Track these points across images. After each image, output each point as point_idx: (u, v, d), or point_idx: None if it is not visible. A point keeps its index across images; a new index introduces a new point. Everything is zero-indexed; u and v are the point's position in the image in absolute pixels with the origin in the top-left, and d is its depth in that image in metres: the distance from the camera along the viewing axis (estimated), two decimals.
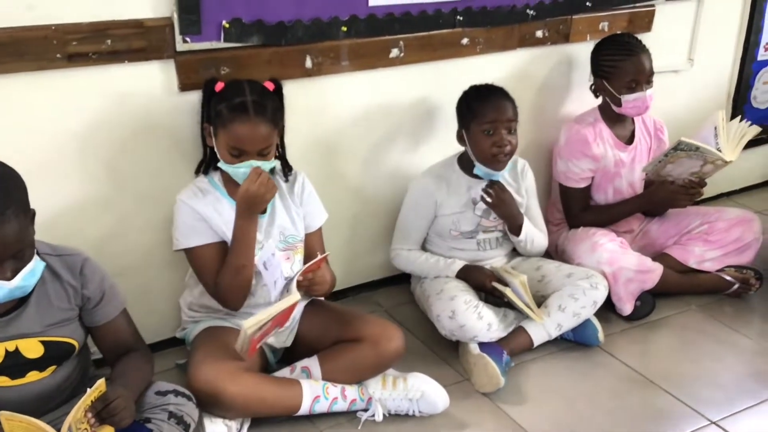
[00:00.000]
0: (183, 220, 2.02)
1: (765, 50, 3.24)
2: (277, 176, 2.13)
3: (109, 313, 1.77)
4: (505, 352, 2.25)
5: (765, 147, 3.48)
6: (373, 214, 2.59)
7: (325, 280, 2.07)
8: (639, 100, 2.57)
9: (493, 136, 2.31)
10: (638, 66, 2.54)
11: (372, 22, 2.30)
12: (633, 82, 2.55)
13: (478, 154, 2.35)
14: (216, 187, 2.06)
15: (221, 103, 1.95)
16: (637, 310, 2.53)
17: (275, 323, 1.92)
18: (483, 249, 2.48)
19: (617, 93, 2.57)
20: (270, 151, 1.98)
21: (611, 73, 2.57)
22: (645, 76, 2.55)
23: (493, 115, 2.30)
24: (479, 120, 2.32)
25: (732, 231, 2.67)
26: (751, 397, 2.21)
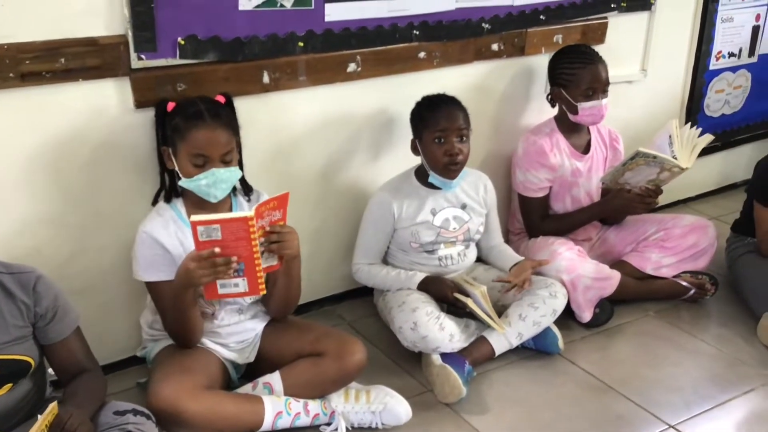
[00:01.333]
0: (143, 253, 1.99)
1: (716, 60, 3.31)
2: (239, 196, 2.12)
3: (62, 331, 1.75)
4: (467, 362, 2.27)
5: (720, 154, 3.56)
6: (335, 227, 2.60)
7: (294, 238, 1.91)
8: (595, 108, 2.61)
9: (445, 145, 2.34)
10: (595, 74, 2.59)
11: (329, 37, 2.31)
12: (590, 90, 2.60)
13: (431, 163, 2.38)
14: (179, 215, 2.04)
15: (175, 118, 1.95)
16: (596, 317, 2.57)
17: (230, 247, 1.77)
18: (445, 265, 2.50)
19: (574, 101, 2.62)
20: (233, 158, 1.98)
21: (569, 81, 2.62)
22: (601, 85, 2.60)
23: (444, 124, 2.33)
24: (431, 129, 2.34)
25: (687, 237, 2.73)
26: (708, 400, 2.25)
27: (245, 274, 1.82)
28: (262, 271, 1.82)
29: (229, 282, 1.83)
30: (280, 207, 1.86)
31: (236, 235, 1.77)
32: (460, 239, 2.49)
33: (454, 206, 2.47)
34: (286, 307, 2.13)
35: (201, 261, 1.79)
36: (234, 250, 1.78)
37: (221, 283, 1.83)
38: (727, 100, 3.43)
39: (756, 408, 2.24)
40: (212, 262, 1.79)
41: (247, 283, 1.83)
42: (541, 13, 2.73)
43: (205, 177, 1.93)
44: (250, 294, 1.87)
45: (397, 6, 2.41)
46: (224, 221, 1.77)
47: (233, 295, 1.88)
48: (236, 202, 2.11)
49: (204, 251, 1.78)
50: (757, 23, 3.38)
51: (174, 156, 1.98)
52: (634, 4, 2.96)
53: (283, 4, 2.20)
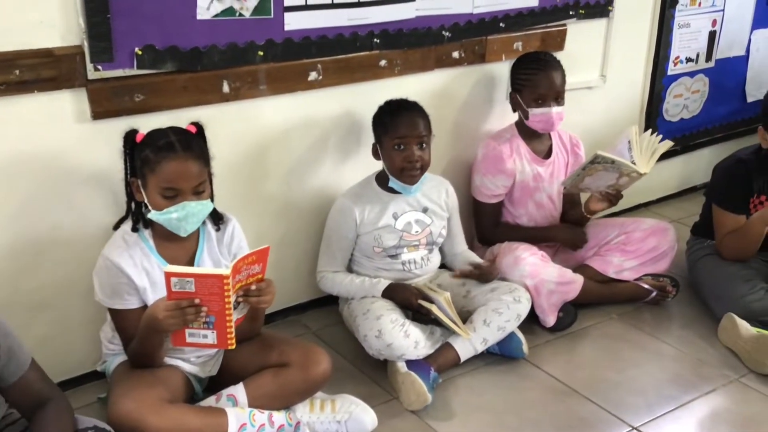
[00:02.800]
0: (107, 281, 1.96)
1: (674, 65, 3.37)
2: (207, 225, 2.08)
3: (16, 371, 1.65)
4: (432, 368, 2.27)
5: (680, 158, 3.61)
6: (299, 235, 2.59)
7: (272, 292, 1.90)
8: (545, 115, 2.64)
9: (404, 151, 2.35)
10: (548, 81, 2.62)
11: (289, 46, 2.31)
12: (540, 98, 2.62)
13: (391, 168, 2.39)
14: (147, 244, 1.99)
15: (145, 150, 1.91)
16: (560, 321, 2.59)
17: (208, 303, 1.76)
18: (408, 270, 2.50)
19: (526, 106, 2.65)
20: (205, 189, 1.94)
21: (523, 87, 2.66)
22: (553, 93, 2.63)
23: (404, 131, 2.35)
24: (391, 135, 2.36)
25: (648, 240, 2.76)
26: (670, 401, 2.28)
27: (215, 327, 1.81)
28: (233, 327, 1.81)
29: (198, 332, 1.83)
30: (260, 261, 1.84)
31: (210, 291, 1.76)
32: (423, 243, 2.50)
33: (416, 210, 2.48)
34: (248, 337, 2.09)
35: (171, 309, 1.78)
36: (206, 304, 1.78)
37: (190, 332, 1.83)
38: (685, 105, 3.48)
39: (717, 408, 2.27)
40: (182, 311, 1.78)
41: (216, 336, 1.82)
42: (500, 21, 2.76)
43: (176, 210, 1.90)
44: (218, 347, 1.86)
45: (357, 14, 2.41)
46: (199, 276, 1.76)
47: (200, 345, 1.87)
48: (204, 232, 2.07)
49: (173, 303, 1.77)
50: (714, 28, 3.44)
51: (143, 188, 1.93)
52: (592, 11, 3.00)
53: (241, 14, 2.20)
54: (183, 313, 1.77)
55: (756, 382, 2.36)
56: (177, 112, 2.16)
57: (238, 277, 1.80)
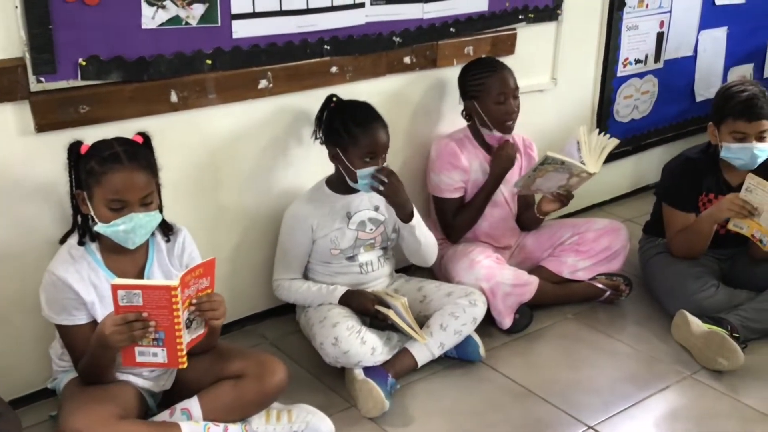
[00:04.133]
0: (54, 296, 1.91)
1: (624, 66, 3.41)
2: (157, 236, 2.05)
3: None
4: (389, 375, 2.26)
5: (632, 158, 3.66)
6: (254, 245, 2.57)
7: (222, 306, 1.86)
8: (505, 107, 2.66)
9: (371, 163, 2.35)
10: (504, 80, 2.65)
11: (237, 54, 2.29)
12: (501, 95, 2.65)
13: (352, 175, 2.37)
14: (93, 258, 1.95)
15: (90, 162, 1.87)
16: (516, 322, 2.61)
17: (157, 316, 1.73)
18: (365, 272, 2.50)
19: (488, 109, 2.67)
20: (152, 200, 1.91)
21: (480, 91, 2.67)
22: (511, 90, 2.66)
23: (375, 147, 2.34)
24: (362, 148, 2.33)
25: (601, 240, 2.80)
26: (626, 399, 2.30)
27: (165, 344, 1.77)
28: (184, 345, 1.77)
29: (148, 350, 1.78)
30: (207, 274, 1.81)
31: (158, 304, 1.72)
32: (378, 242, 2.50)
33: (368, 209, 2.48)
34: (204, 351, 2.06)
35: (118, 325, 1.74)
36: (155, 318, 1.74)
37: (139, 350, 1.78)
38: (635, 106, 3.53)
39: (671, 404, 2.31)
40: (129, 326, 1.74)
41: (167, 354, 1.78)
42: (451, 26, 2.77)
43: (123, 222, 1.86)
44: (169, 366, 1.82)
45: (306, 21, 2.40)
46: (146, 288, 1.72)
47: (151, 365, 1.83)
48: (154, 243, 2.04)
49: (120, 317, 1.74)
50: (662, 30, 3.49)
51: (89, 200, 1.89)
52: (540, 15, 3.03)
53: (188, 22, 2.17)
54: (130, 327, 1.74)
55: (708, 377, 2.40)
56: (124, 123, 2.13)
57: (187, 291, 1.76)
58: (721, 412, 2.26)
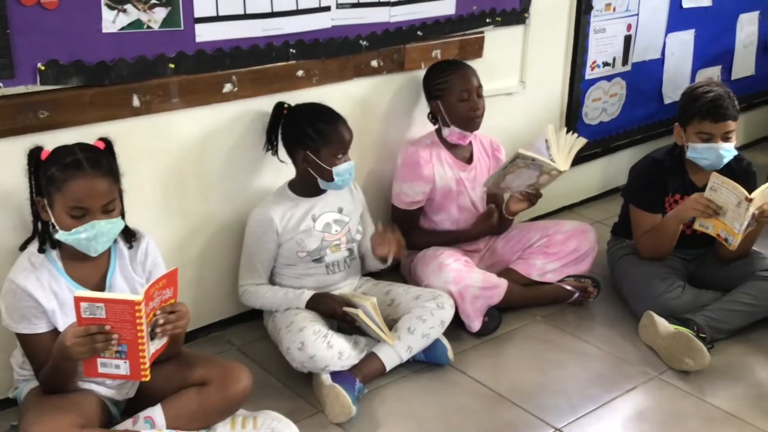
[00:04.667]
0: (14, 305, 1.88)
1: (592, 69, 3.43)
2: (119, 243, 2.02)
3: None
4: (357, 379, 2.25)
5: (601, 160, 3.68)
6: (220, 250, 2.55)
7: (185, 316, 1.87)
8: (472, 104, 2.68)
9: (342, 158, 2.40)
10: (466, 77, 2.67)
11: (201, 58, 2.27)
12: (465, 93, 2.66)
13: (327, 175, 2.38)
14: (54, 265, 1.92)
15: (51, 168, 1.84)
16: (485, 325, 2.61)
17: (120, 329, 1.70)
18: (332, 272, 2.49)
19: (451, 108, 2.68)
20: (115, 207, 1.89)
21: (443, 90, 2.68)
22: (475, 88, 2.67)
23: (345, 143, 2.40)
24: (334, 146, 2.37)
25: (569, 242, 2.80)
26: (593, 401, 2.31)
27: (128, 357, 1.75)
28: (147, 358, 1.75)
29: (110, 362, 1.76)
30: (171, 284, 1.79)
31: (121, 318, 1.70)
32: (344, 242, 2.50)
33: (333, 211, 2.49)
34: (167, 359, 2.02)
35: (79, 336, 1.72)
36: (118, 331, 1.72)
37: (102, 361, 1.76)
38: (604, 108, 3.55)
39: (638, 405, 2.31)
40: (91, 338, 1.71)
41: (129, 367, 1.76)
42: (418, 29, 2.77)
43: (85, 230, 1.84)
44: (131, 378, 1.81)
45: (271, 25, 2.39)
46: (109, 301, 1.70)
47: (113, 376, 1.81)
48: (116, 250, 2.01)
49: (82, 328, 1.71)
50: (629, 33, 3.52)
51: (50, 207, 1.86)
52: (508, 18, 3.04)
53: (150, 26, 2.15)
54: (92, 340, 1.71)
55: (674, 378, 2.41)
56: (85, 128, 2.10)
57: (152, 304, 1.74)
58: (687, 412, 2.27)
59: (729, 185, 2.46)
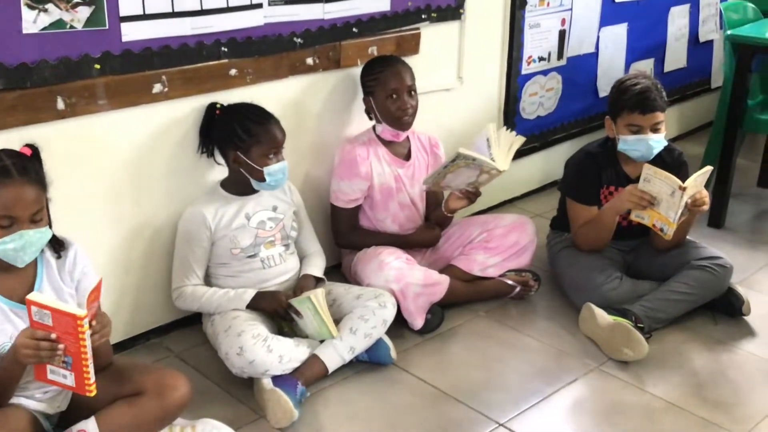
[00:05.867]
0: None
1: (528, 64, 3.45)
2: (46, 253, 1.93)
3: None
4: (299, 383, 2.22)
5: (540, 154, 3.71)
6: (156, 255, 2.48)
7: (109, 323, 1.82)
8: (402, 103, 2.66)
9: (274, 158, 2.37)
10: (397, 75, 2.65)
11: (128, 57, 2.21)
12: (394, 91, 2.64)
13: (259, 175, 2.36)
14: None
15: None
16: (428, 322, 2.60)
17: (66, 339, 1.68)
18: (268, 266, 2.46)
19: (381, 105, 2.67)
20: (43, 217, 1.81)
21: (374, 86, 2.68)
22: (406, 86, 2.65)
23: (277, 141, 2.38)
24: (265, 144, 2.35)
25: (509, 236, 2.81)
26: (535, 395, 2.32)
27: (72, 369, 1.72)
28: (91, 373, 1.73)
29: (59, 370, 1.74)
30: (98, 295, 1.77)
31: (66, 329, 1.68)
32: (279, 238, 2.47)
33: (266, 209, 2.46)
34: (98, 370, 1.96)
35: (28, 338, 1.69)
36: (63, 342, 1.70)
37: (51, 368, 1.74)
38: (541, 103, 3.58)
39: (579, 397, 2.34)
40: (37, 344, 1.68)
41: (74, 379, 1.73)
42: (353, 26, 2.74)
43: (13, 240, 1.76)
44: (77, 391, 1.77)
45: (201, 23, 2.33)
46: (55, 311, 1.67)
47: (61, 385, 1.77)
48: (43, 260, 1.92)
49: (31, 331, 1.69)
50: (563, 27, 3.55)
51: None
52: (444, 14, 3.03)
53: (73, 26, 2.08)
54: (37, 345, 1.67)
55: (614, 368, 2.44)
56: (6, 133, 2.02)
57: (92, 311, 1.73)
58: (627, 402, 2.29)
59: (662, 175, 2.50)
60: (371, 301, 2.40)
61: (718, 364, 2.48)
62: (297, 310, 2.31)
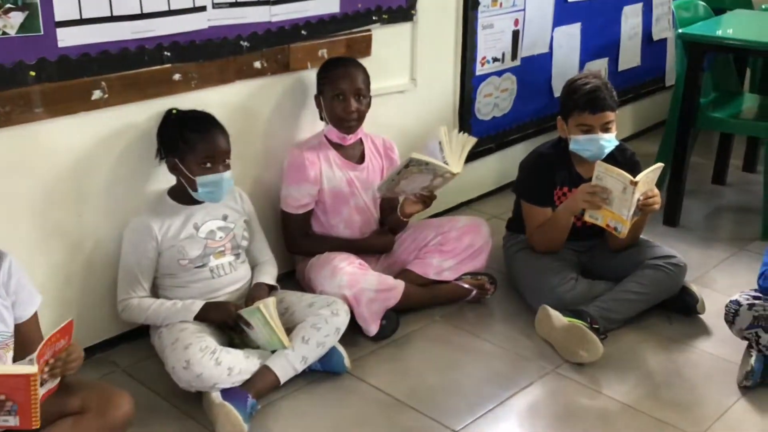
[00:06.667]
0: None
1: (482, 65, 3.43)
2: None
3: None
4: (249, 395, 2.16)
5: (496, 155, 3.68)
6: (99, 267, 2.40)
7: (79, 358, 1.81)
8: (345, 104, 2.61)
9: (211, 168, 2.29)
10: (346, 76, 2.61)
11: (65, 64, 2.13)
12: (340, 92, 2.60)
13: (193, 185, 2.30)
14: None
15: None
16: (382, 329, 2.55)
17: None
18: (217, 275, 2.39)
19: (329, 106, 2.63)
20: None
21: (323, 86, 2.64)
22: (353, 88, 2.61)
23: (213, 150, 2.29)
24: (198, 155, 2.28)
25: (463, 239, 2.78)
26: (491, 400, 2.29)
27: (18, 413, 1.68)
28: (38, 407, 1.68)
29: (3, 417, 1.68)
30: (64, 335, 1.73)
31: (14, 387, 1.64)
32: (228, 248, 2.41)
33: (216, 219, 2.40)
34: None
35: None
36: (10, 398, 1.65)
37: None
38: (496, 104, 3.56)
39: (535, 401, 2.31)
40: None
41: (19, 420, 1.69)
42: (302, 28, 2.69)
43: None
44: (21, 428, 1.71)
45: (142, 27, 2.27)
46: (3, 377, 1.63)
47: (4, 427, 1.71)
48: None
49: None
50: (517, 28, 3.54)
51: None
52: (395, 16, 2.99)
53: (5, 32, 2.00)
54: None
55: (570, 371, 2.42)
56: None
57: (45, 357, 1.68)
58: (582, 405, 2.28)
59: (613, 172, 2.49)
60: (324, 309, 2.36)
61: (673, 364, 2.48)
62: (247, 320, 2.26)
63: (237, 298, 2.43)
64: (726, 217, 3.68)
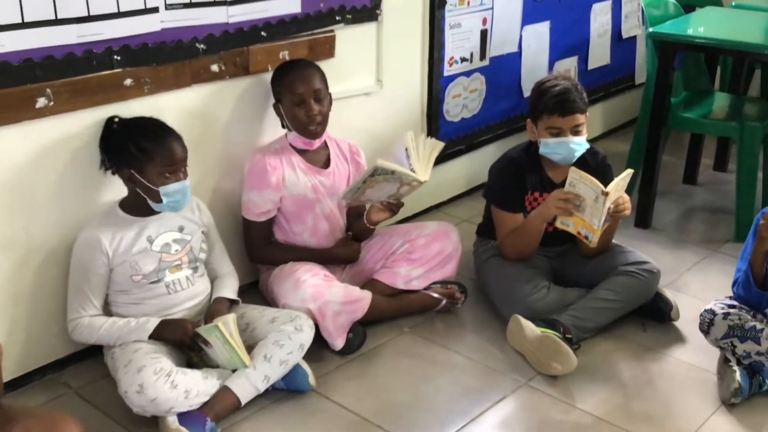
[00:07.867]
0: None
1: (450, 65, 3.34)
2: None
3: None
4: (208, 419, 2.06)
5: (465, 157, 3.60)
6: (49, 283, 2.28)
7: None
8: (306, 109, 2.51)
9: (172, 177, 2.19)
10: (303, 80, 2.51)
11: (6, 70, 2.00)
12: (299, 97, 2.51)
13: (155, 195, 2.19)
14: None
15: None
16: (349, 343, 2.46)
17: None
18: (173, 291, 2.28)
19: (289, 112, 2.53)
20: None
21: (280, 93, 2.54)
22: (312, 91, 2.51)
23: (171, 160, 2.19)
24: (159, 165, 2.17)
25: (432, 246, 2.70)
26: (462, 416, 2.21)
27: None
28: None
29: None
30: None
31: None
32: (185, 261, 2.30)
33: (172, 230, 2.28)
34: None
35: None
36: None
37: None
38: (465, 104, 3.47)
39: (507, 416, 2.23)
40: None
41: None
42: (261, 30, 2.58)
43: None
44: None
45: (88, 30, 2.14)
46: None
47: None
48: None
49: None
50: (485, 27, 3.45)
51: None
52: (359, 16, 2.89)
53: None
54: None
55: (543, 384, 2.34)
56: None
57: None
58: (556, 420, 2.20)
59: (586, 180, 2.42)
60: (287, 325, 2.25)
61: (647, 374, 2.42)
62: (205, 339, 2.15)
63: (195, 314, 2.32)
64: (698, 218, 3.63)
